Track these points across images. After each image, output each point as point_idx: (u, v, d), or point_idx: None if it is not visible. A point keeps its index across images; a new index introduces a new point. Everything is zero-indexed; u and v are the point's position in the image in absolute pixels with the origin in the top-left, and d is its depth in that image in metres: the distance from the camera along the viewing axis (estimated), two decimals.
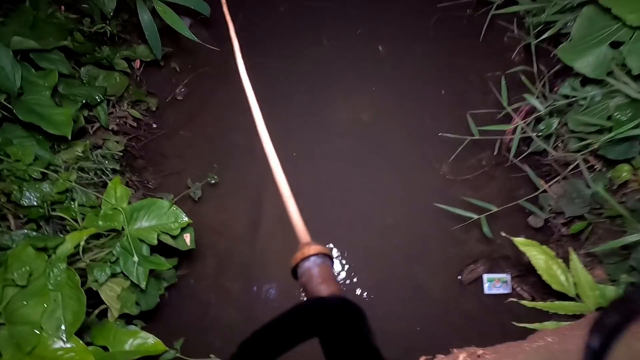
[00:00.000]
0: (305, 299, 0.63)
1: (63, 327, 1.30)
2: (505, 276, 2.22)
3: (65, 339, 1.31)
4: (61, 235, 1.55)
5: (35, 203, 1.54)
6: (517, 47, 2.30)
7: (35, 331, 1.30)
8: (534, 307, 1.59)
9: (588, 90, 1.57)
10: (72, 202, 1.61)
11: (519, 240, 1.58)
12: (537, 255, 1.51)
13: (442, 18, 2.59)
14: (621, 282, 1.49)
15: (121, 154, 2.23)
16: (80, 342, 1.30)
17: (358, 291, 2.27)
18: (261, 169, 2.41)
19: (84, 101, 1.88)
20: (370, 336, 0.57)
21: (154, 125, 2.56)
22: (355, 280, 2.28)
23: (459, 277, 2.27)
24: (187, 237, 1.82)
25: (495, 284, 2.23)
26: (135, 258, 1.50)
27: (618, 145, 1.51)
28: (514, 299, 1.80)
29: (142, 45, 2.41)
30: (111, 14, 2.18)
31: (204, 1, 2.21)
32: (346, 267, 2.29)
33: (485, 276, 2.24)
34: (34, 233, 1.51)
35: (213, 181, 2.27)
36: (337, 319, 0.57)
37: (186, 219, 1.70)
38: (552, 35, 1.84)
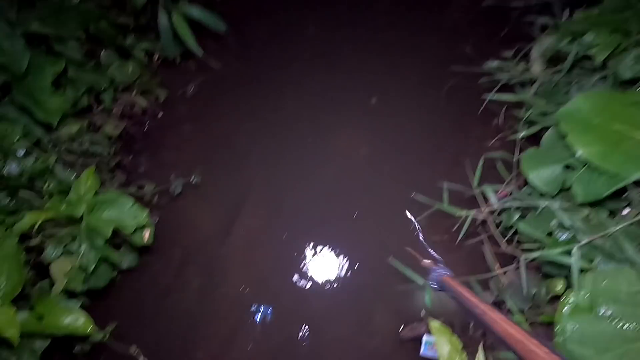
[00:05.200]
0: None
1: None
2: None
3: None
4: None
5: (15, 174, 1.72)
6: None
7: None
8: None
9: (542, 200, 1.57)
10: (47, 183, 1.77)
11: (434, 324, 1.61)
12: (444, 343, 1.54)
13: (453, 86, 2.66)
14: None
15: (118, 136, 2.41)
16: (13, 310, 1.47)
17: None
18: (248, 177, 2.55)
19: (88, 87, 2.04)
20: None
21: (160, 115, 2.73)
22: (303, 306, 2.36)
23: (399, 331, 2.32)
24: (147, 233, 1.96)
25: (433, 347, 2.25)
26: (84, 247, 1.65)
27: (551, 264, 1.51)
28: None
29: None
30: (139, 8, 2.34)
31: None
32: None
33: (426, 337, 2.26)
34: None
35: (194, 182, 2.41)
36: None
37: (145, 219, 1.83)
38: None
